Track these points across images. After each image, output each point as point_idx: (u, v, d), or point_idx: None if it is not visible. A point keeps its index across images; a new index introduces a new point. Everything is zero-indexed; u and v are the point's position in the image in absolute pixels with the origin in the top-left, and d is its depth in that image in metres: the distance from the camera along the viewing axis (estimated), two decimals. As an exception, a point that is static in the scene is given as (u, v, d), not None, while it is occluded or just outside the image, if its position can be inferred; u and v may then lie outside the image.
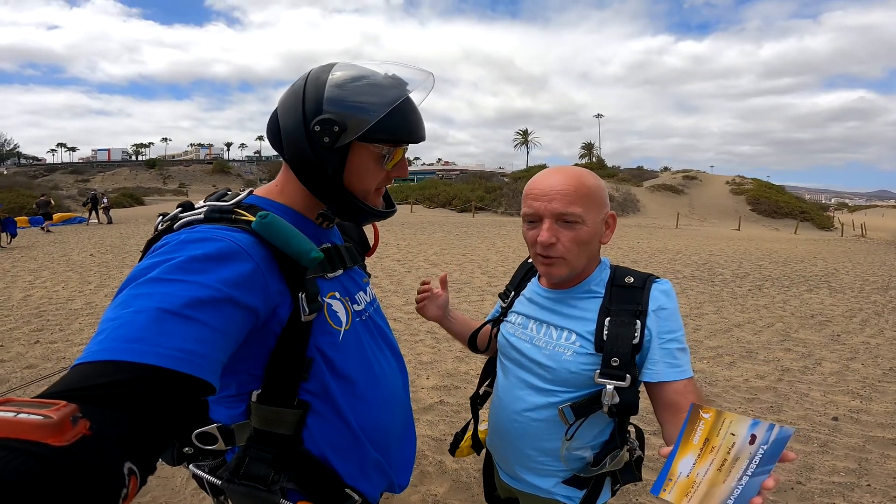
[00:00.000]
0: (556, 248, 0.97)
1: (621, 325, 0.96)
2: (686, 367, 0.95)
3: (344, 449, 0.82)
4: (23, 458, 0.34)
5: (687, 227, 24.30)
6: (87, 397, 0.45)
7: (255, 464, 0.76)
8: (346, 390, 0.81)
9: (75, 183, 57.00)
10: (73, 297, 6.58)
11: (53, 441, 0.36)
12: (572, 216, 0.95)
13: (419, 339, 4.85)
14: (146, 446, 0.47)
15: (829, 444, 2.99)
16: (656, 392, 0.97)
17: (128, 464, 0.42)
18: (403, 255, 10.49)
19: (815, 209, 34.96)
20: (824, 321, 5.97)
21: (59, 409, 0.37)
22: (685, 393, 0.93)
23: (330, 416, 0.80)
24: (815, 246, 16.86)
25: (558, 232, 0.96)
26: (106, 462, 0.40)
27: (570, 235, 0.96)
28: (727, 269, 10.11)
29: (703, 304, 6.66)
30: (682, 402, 0.93)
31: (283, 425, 0.76)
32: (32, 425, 0.36)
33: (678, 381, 0.94)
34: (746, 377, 4.06)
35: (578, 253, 0.98)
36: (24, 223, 19.46)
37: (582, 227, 0.96)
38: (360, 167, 0.80)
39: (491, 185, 32.38)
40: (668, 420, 0.96)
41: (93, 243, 12.85)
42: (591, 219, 0.97)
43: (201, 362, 0.55)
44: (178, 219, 0.74)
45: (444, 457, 2.73)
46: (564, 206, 0.95)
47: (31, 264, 9.41)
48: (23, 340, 4.70)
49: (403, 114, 0.80)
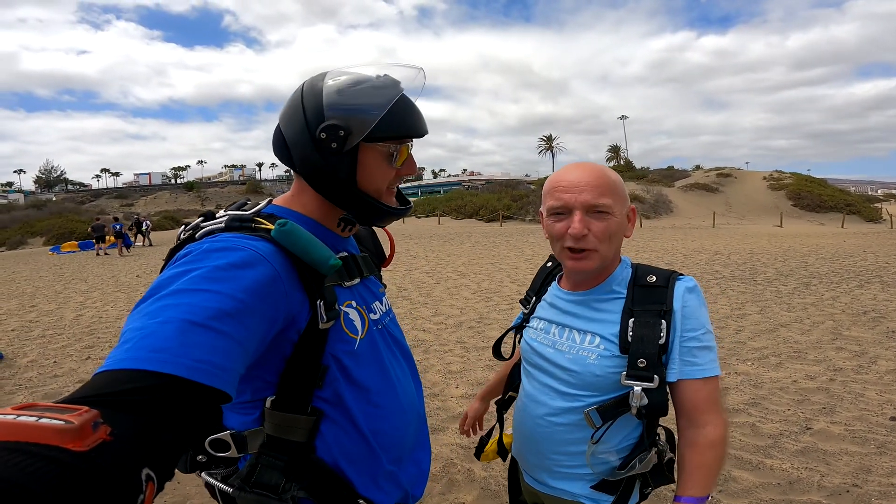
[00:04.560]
0: (588, 240, 0.96)
1: (646, 325, 0.95)
2: (707, 365, 0.94)
3: (357, 458, 0.81)
4: (42, 462, 0.34)
5: (725, 226, 23.47)
6: (109, 403, 0.45)
7: (266, 471, 0.76)
8: (361, 398, 0.81)
9: (120, 207, 59.84)
10: (121, 315, 6.89)
11: (73, 446, 0.36)
12: (603, 206, 0.95)
13: (448, 348, 4.85)
14: (164, 453, 0.47)
15: (888, 445, 2.81)
16: (673, 392, 0.95)
17: (146, 470, 0.42)
18: (432, 268, 10.53)
19: (860, 201, 33.21)
20: (878, 317, 5.63)
21: (80, 415, 0.38)
22: (701, 391, 0.93)
23: (344, 423, 0.80)
24: (863, 239, 15.96)
25: (589, 223, 0.95)
26: (124, 468, 0.40)
27: (601, 227, 0.96)
28: (770, 267, 9.69)
29: (746, 305, 6.40)
30: (697, 403, 0.93)
31: (296, 432, 0.76)
32: (53, 430, 0.36)
33: (695, 379, 0.93)
34: (795, 378, 3.87)
35: (609, 245, 0.98)
36: (73, 248, 20.63)
37: (611, 217, 0.96)
38: (370, 167, 0.81)
39: (517, 194, 32.20)
40: (683, 428, 0.96)
41: (139, 265, 13.47)
42: (619, 210, 0.97)
43: (222, 374, 0.56)
44: (199, 228, 0.75)
45: (473, 465, 2.70)
46: (595, 197, 0.95)
47: (81, 286, 9.93)
48: (75, 357, 4.97)
49: (403, 110, 0.81)
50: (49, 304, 7.99)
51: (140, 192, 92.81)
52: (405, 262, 11.25)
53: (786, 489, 2.43)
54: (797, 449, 2.80)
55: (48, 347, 5.37)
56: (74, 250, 20.31)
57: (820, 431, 3.00)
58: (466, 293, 7.60)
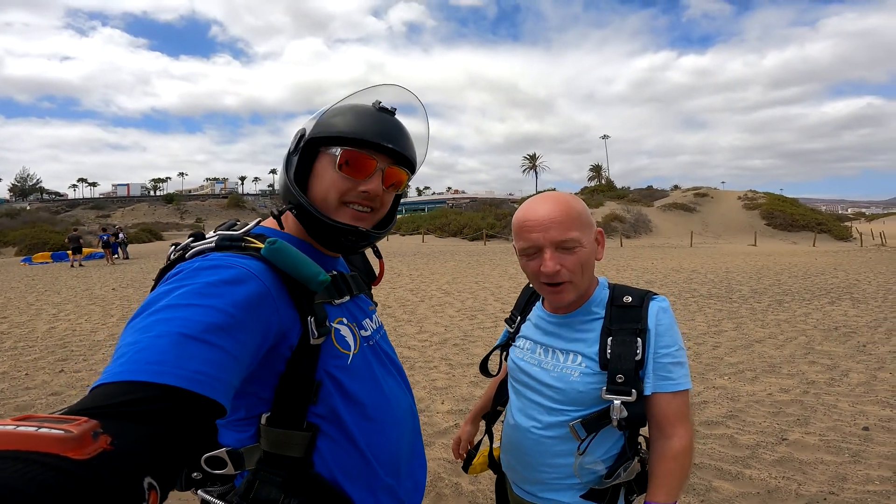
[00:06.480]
0: (561, 274, 1.00)
1: (623, 343, 1.00)
2: (679, 380, 1.00)
3: (355, 472, 0.82)
4: (43, 470, 0.34)
5: (702, 245, 24.04)
6: (108, 414, 0.45)
7: (264, 487, 0.75)
8: (356, 412, 0.82)
9: (97, 218, 58.52)
10: (96, 328, 6.71)
11: (74, 455, 0.36)
12: (571, 241, 0.99)
13: (434, 365, 4.85)
14: (166, 462, 0.47)
15: (862, 454, 2.91)
16: (647, 404, 1.01)
17: (148, 478, 0.42)
18: (416, 285, 10.51)
19: (831, 220, 34.38)
20: (848, 332, 5.84)
21: (79, 425, 0.38)
22: (672, 404, 0.99)
23: (340, 438, 0.80)
24: (834, 257, 16.54)
25: (560, 259, 0.99)
26: (126, 476, 0.40)
27: (573, 260, 1.00)
28: (745, 285, 9.96)
29: (722, 321, 6.56)
30: (668, 415, 0.99)
31: (292, 448, 0.76)
32: (53, 439, 0.36)
33: (668, 392, 1.00)
34: (770, 391, 3.97)
35: (582, 274, 1.03)
36: (46, 259, 20.02)
37: (581, 248, 1.00)
38: (320, 171, 0.84)
39: (501, 213, 32.55)
40: (654, 439, 1.03)
41: (114, 278, 13.14)
42: (587, 239, 1.02)
43: (218, 385, 0.56)
44: (189, 248, 0.76)
45: (461, 478, 2.71)
46: (562, 233, 0.98)
47: (55, 298, 9.64)
48: (48, 370, 4.80)
49: (364, 119, 0.84)
50: (21, 316, 7.74)
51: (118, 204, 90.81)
52: (389, 280, 11.20)
53: (765, 498, 2.49)
54: (774, 459, 2.88)
55: (20, 360, 5.19)
56: (47, 261, 19.71)
57: (795, 442, 3.09)
58: (451, 311, 7.61)
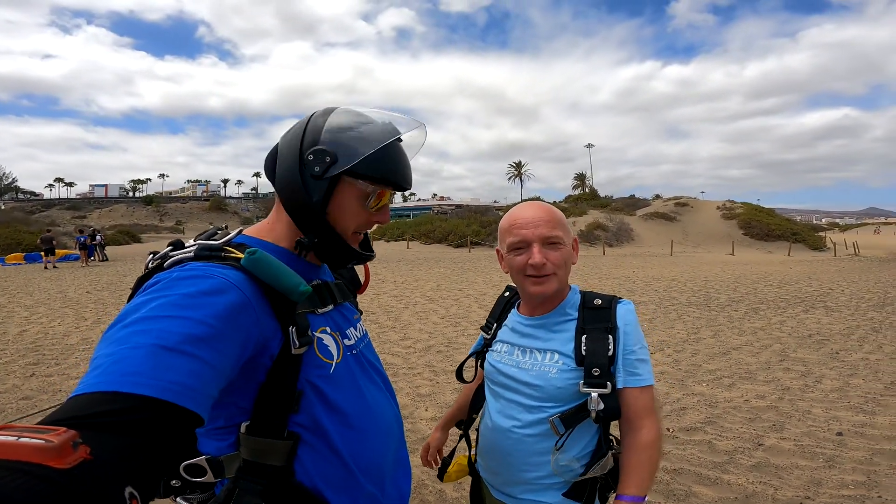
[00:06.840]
0: (546, 267, 1.11)
1: (596, 340, 1.10)
2: (645, 375, 1.10)
3: (337, 481, 0.81)
4: (27, 478, 0.34)
5: (681, 254, 24.48)
6: (87, 424, 0.46)
7: (244, 495, 0.74)
8: (339, 422, 0.81)
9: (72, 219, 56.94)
10: (69, 332, 6.53)
11: (55, 464, 0.36)
12: (556, 238, 1.12)
13: (417, 372, 4.83)
14: (145, 472, 0.47)
15: (836, 459, 2.98)
16: (620, 398, 1.09)
17: (129, 488, 0.42)
18: (401, 292, 10.47)
19: (806, 230, 35.36)
20: (822, 340, 6.00)
21: (59, 434, 0.38)
22: (640, 398, 1.09)
23: (322, 448, 0.80)
24: (808, 267, 16.99)
25: (546, 254, 1.11)
26: (107, 485, 0.40)
27: (557, 255, 1.12)
28: (723, 293, 10.16)
29: (701, 329, 6.68)
30: (637, 409, 1.09)
31: (273, 456, 0.76)
32: (34, 448, 0.36)
33: (635, 387, 1.09)
34: (747, 398, 4.05)
35: (564, 270, 1.14)
36: (18, 259, 19.43)
37: (563, 247, 1.13)
38: (344, 203, 0.83)
39: (486, 220, 32.58)
40: (624, 432, 1.11)
41: (88, 280, 12.81)
42: (567, 241, 1.15)
43: (195, 396, 0.56)
44: (168, 257, 0.75)
45: (445, 486, 2.70)
46: (549, 230, 1.12)
47: (27, 300, 9.35)
48: (18, 373, 4.65)
49: (393, 157, 0.84)
50: (-10, 320, 7.49)
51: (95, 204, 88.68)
52: (373, 286, 11.13)
53: (743, 503, 2.54)
54: (751, 464, 2.93)
55: (-12, 364, 5.02)
56: (20, 262, 19.14)
57: (771, 447, 3.15)
58: (435, 318, 7.60)
